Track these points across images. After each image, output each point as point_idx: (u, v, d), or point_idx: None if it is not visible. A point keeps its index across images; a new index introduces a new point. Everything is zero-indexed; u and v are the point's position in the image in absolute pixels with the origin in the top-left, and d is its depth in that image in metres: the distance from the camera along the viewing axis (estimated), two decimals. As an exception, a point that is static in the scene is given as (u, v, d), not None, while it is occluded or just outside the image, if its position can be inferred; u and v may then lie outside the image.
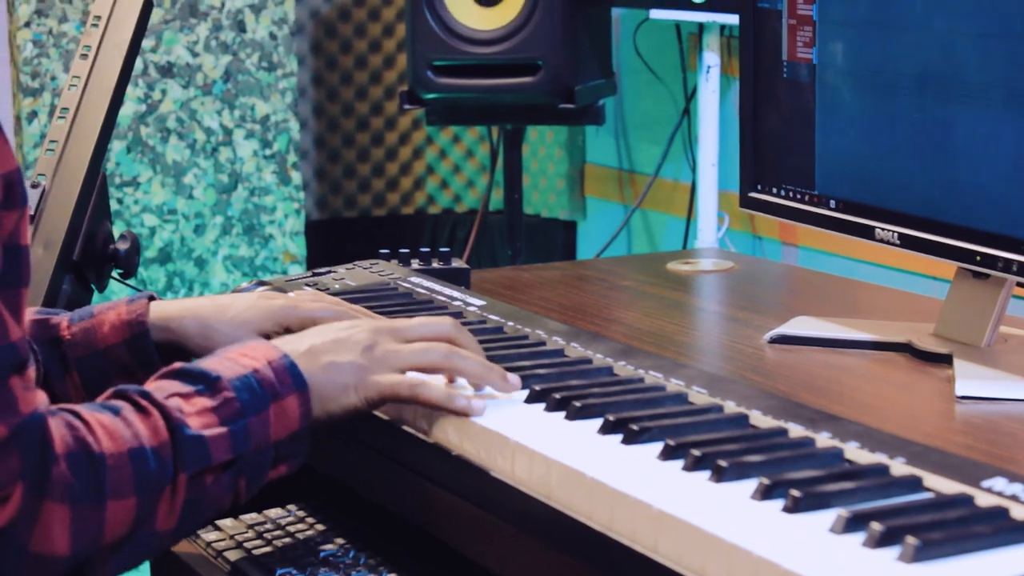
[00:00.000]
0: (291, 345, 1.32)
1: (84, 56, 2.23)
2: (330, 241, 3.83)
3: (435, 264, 2.02)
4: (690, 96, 3.28)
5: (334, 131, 3.90)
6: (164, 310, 1.52)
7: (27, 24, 3.32)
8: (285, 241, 3.55)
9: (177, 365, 1.28)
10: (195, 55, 3.45)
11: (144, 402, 1.22)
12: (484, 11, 3.09)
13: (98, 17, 2.26)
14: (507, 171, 3.29)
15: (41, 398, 1.16)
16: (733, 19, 2.97)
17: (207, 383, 1.25)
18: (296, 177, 3.55)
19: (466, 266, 2.02)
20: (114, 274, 2.15)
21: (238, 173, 3.50)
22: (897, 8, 1.69)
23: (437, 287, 1.81)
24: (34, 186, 2.07)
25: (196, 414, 1.23)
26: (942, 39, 1.63)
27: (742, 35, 1.93)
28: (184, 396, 1.24)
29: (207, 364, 1.28)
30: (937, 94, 1.65)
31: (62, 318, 1.53)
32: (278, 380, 1.27)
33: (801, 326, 1.79)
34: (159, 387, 1.25)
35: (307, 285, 1.86)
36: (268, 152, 3.52)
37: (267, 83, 3.51)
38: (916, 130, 1.68)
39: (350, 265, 1.97)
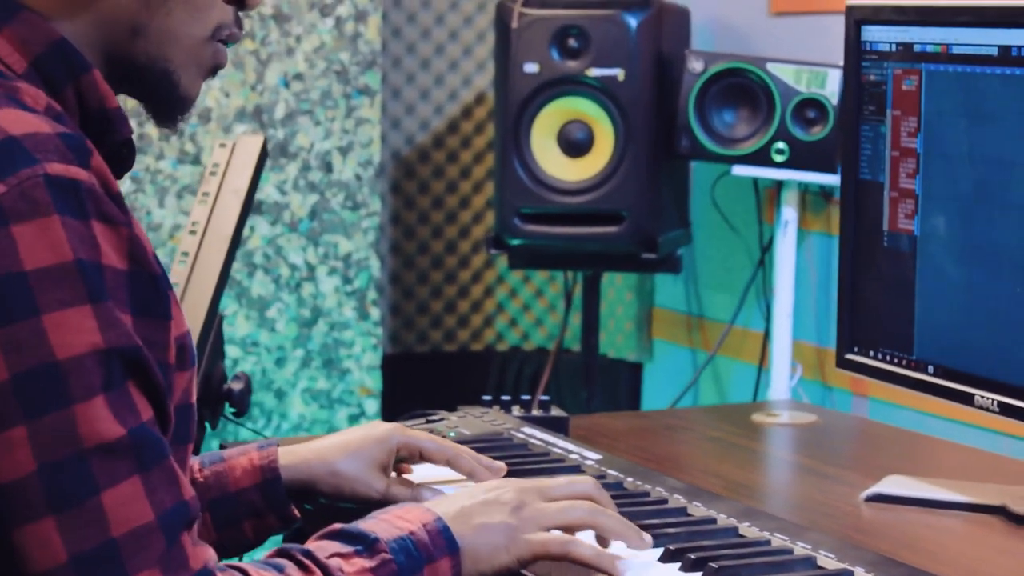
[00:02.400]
0: (443, 507, 1.38)
1: (203, 202, 2.34)
2: (402, 375, 3.91)
3: (536, 412, 2.10)
4: (766, 247, 3.38)
5: (409, 268, 4.00)
6: (293, 456, 1.63)
7: (126, 160, 3.43)
8: (362, 375, 3.64)
9: (336, 526, 1.35)
10: (284, 193, 3.56)
11: (307, 561, 1.29)
12: (571, 162, 3.20)
13: (216, 164, 2.37)
14: (585, 315, 3.38)
15: (210, 554, 1.24)
16: (810, 176, 3.08)
17: (366, 544, 1.32)
18: (375, 313, 3.65)
19: (565, 415, 2.10)
20: (227, 412, 2.24)
21: (319, 308, 3.60)
22: (1001, 185, 1.78)
23: (551, 439, 1.89)
24: (158, 327, 2.16)
25: (355, 574, 1.29)
26: (1045, 219, 1.72)
27: (843, 203, 2.02)
28: (344, 556, 1.31)
29: (365, 525, 1.34)
30: (1040, 270, 1.73)
31: (193, 461, 1.61)
32: (432, 543, 1.33)
33: (895, 485, 1.86)
34: (320, 547, 1.32)
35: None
36: (349, 288, 3.62)
37: (351, 222, 3.61)
38: (1018, 303, 1.76)
39: (461, 413, 2.05)
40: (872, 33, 1.96)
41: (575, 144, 3.20)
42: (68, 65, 1.27)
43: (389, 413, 3.65)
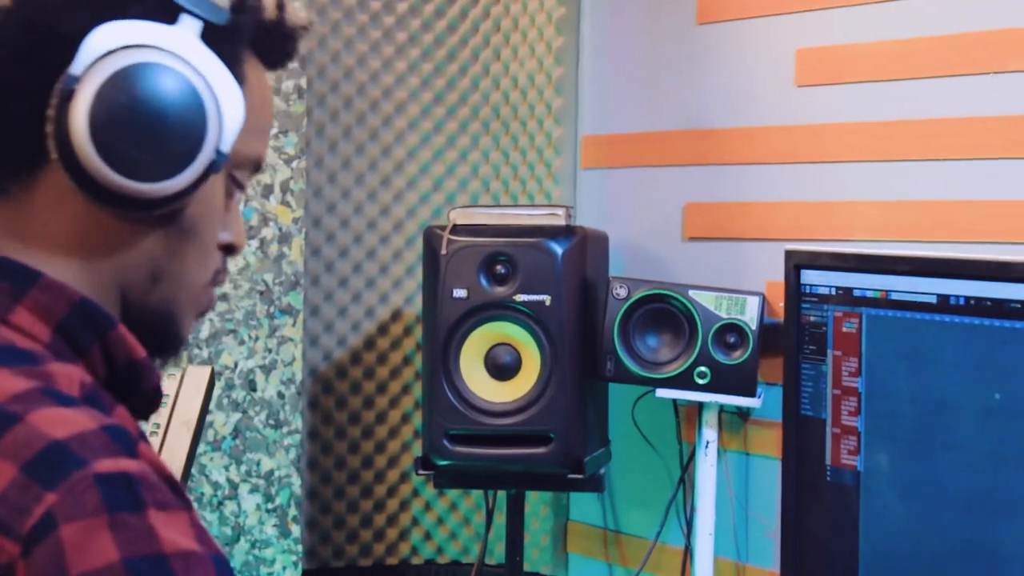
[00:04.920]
0: None
1: (154, 432, 2.38)
2: (319, 591, 3.92)
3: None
4: (685, 466, 3.46)
5: (327, 483, 4.03)
6: None
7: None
8: (282, 593, 3.64)
9: None
10: (208, 413, 3.59)
11: None
12: (499, 385, 3.27)
13: (166, 395, 2.41)
14: (509, 533, 3.42)
15: None
16: (731, 399, 3.17)
17: None
18: (295, 530, 3.66)
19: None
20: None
21: (241, 526, 3.61)
22: (941, 425, 1.87)
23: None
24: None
25: None
26: (988, 459, 1.81)
27: (785, 438, 2.11)
28: None
29: None
30: (983, 508, 1.82)
31: None
32: None
33: None
34: None
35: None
36: (270, 506, 3.64)
37: (273, 439, 3.64)
38: (961, 536, 1.85)
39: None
40: (811, 277, 2.07)
41: (503, 367, 3.27)
42: (92, 325, 1.29)
43: (308, 631, 3.65)
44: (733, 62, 3.45)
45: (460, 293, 3.26)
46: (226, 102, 1.32)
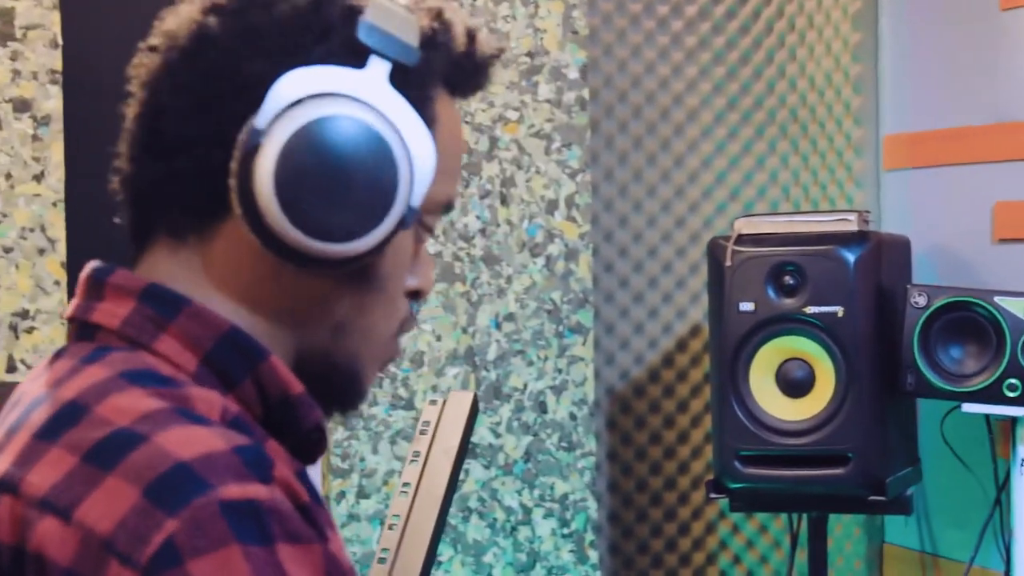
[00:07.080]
0: None
1: (414, 462, 2.30)
2: (622, 618, 3.80)
3: None
4: (1002, 485, 3.22)
5: (628, 506, 3.90)
6: None
7: (340, 407, 3.43)
8: (581, 621, 3.54)
9: None
10: (497, 436, 3.52)
11: None
12: (791, 402, 3.10)
13: (427, 423, 2.33)
14: (812, 560, 3.24)
15: None
16: (1047, 411, 2.93)
17: None
18: (593, 556, 3.56)
19: None
20: None
21: (536, 552, 3.52)
22: None
23: None
24: (367, 596, 2.11)
25: None
26: None
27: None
28: None
29: None
30: None
31: None
32: None
33: None
34: None
35: None
36: (566, 531, 3.54)
37: (566, 463, 3.55)
38: None
39: None
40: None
41: (795, 383, 3.09)
42: (243, 356, 1.21)
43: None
44: (1040, 48, 3.20)
45: (747, 306, 3.10)
46: (418, 154, 1.22)
